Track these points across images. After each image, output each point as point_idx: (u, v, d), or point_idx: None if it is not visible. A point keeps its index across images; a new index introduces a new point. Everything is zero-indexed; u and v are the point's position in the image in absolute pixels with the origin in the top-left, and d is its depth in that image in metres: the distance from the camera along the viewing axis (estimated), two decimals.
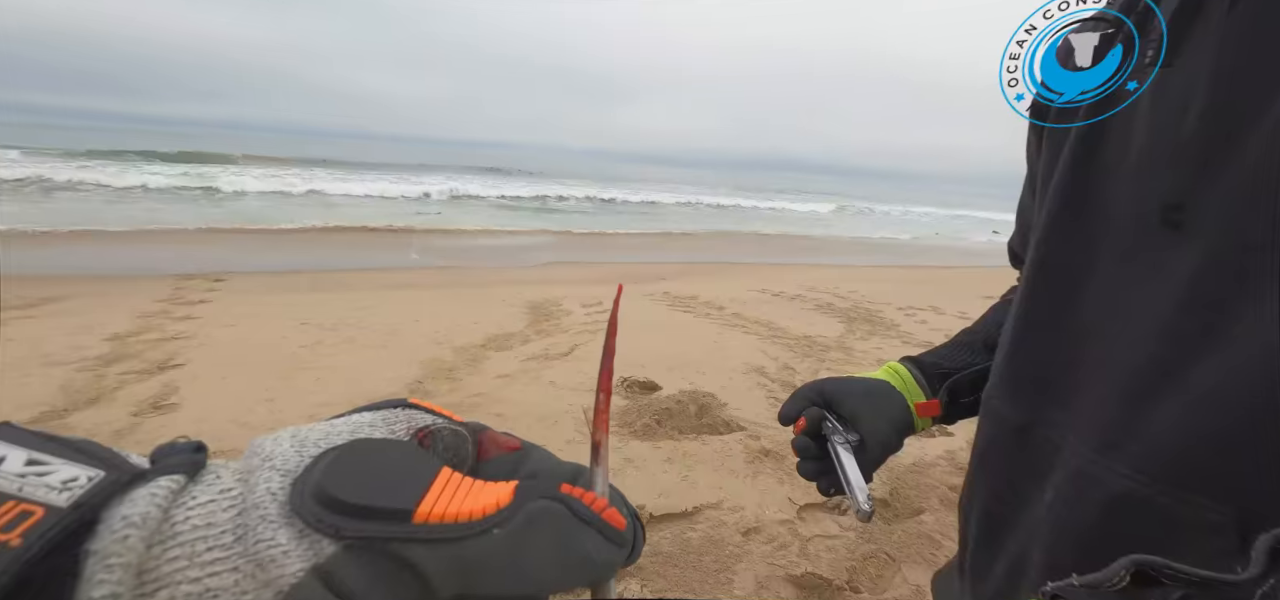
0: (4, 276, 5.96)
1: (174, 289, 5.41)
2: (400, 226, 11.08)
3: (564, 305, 5.42)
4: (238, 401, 2.83)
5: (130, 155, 19.43)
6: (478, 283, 6.54)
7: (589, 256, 9.34)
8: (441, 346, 3.84)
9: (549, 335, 4.32)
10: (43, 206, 10.34)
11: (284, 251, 8.24)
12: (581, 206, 17.11)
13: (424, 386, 3.09)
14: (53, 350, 3.49)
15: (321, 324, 4.30)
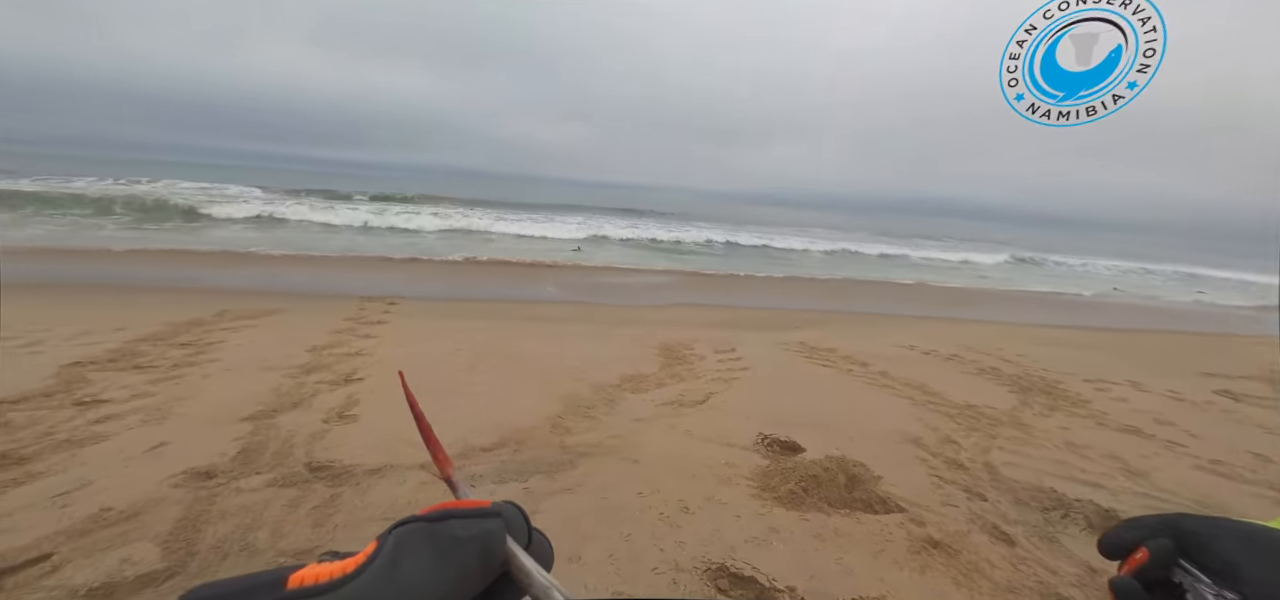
0: (240, 291, 7.32)
1: (358, 309, 6.23)
2: (544, 263, 11.86)
3: (696, 349, 5.34)
4: (404, 419, 3.07)
5: (337, 195, 23.28)
6: (612, 320, 6.70)
7: (719, 299, 9.22)
8: (580, 383, 3.94)
9: (682, 380, 4.25)
10: (272, 234, 12.67)
11: (445, 281, 9.19)
12: (711, 248, 17.10)
13: (564, 422, 3.15)
14: (269, 356, 4.14)
15: (474, 350, 4.64)
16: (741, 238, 19.78)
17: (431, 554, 0.29)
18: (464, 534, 0.31)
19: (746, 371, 4.70)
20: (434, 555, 0.29)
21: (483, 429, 2.98)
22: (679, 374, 4.44)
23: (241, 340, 4.60)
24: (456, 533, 0.31)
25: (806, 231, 26.40)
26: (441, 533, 0.31)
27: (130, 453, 2.51)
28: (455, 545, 0.30)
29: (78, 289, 6.86)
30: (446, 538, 0.30)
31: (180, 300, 6.24)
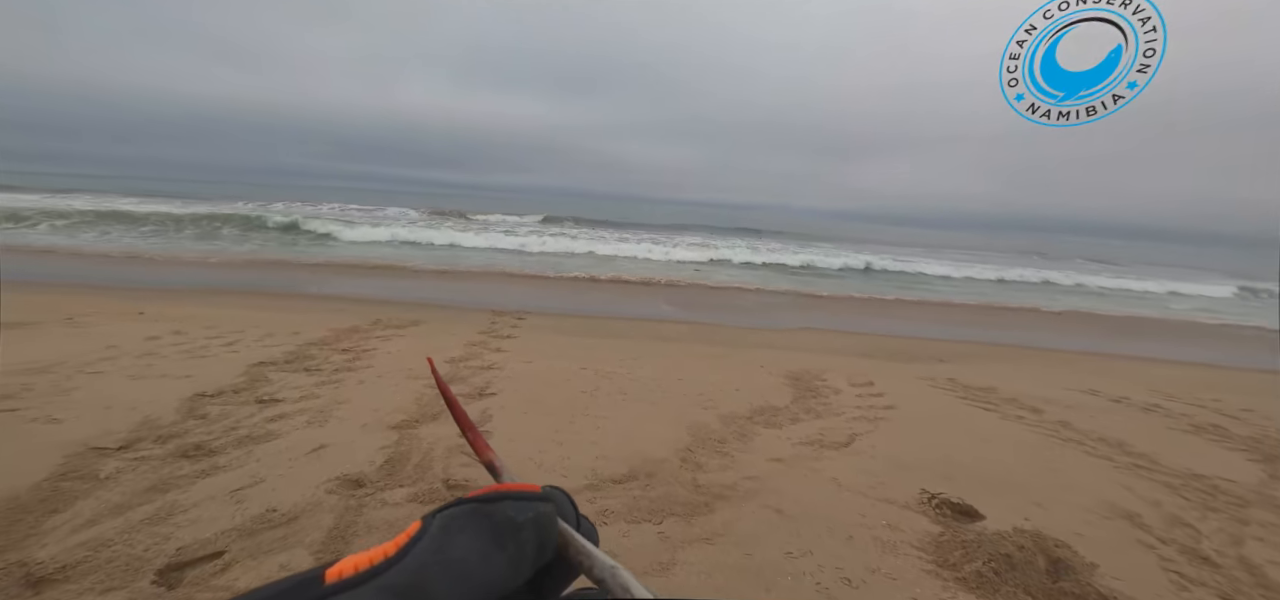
0: (391, 301, 8.06)
1: (490, 322, 6.53)
2: (663, 281, 11.85)
3: (828, 380, 4.89)
4: (534, 439, 3.07)
5: (472, 214, 25.44)
6: (733, 342, 6.41)
7: (846, 323, 8.53)
8: (707, 412, 3.71)
9: (819, 416, 3.86)
10: (420, 250, 13.99)
11: (568, 297, 9.47)
12: (833, 269, 16.10)
13: (694, 456, 2.94)
14: (413, 365, 4.40)
15: (598, 370, 4.60)
16: (870, 257, 18.45)
17: (488, 535, 0.27)
18: (520, 517, 0.29)
19: (891, 411, 4.18)
20: (490, 537, 0.27)
21: (611, 457, 2.87)
22: (814, 408, 4.05)
23: (391, 348, 4.96)
24: (512, 515, 0.29)
25: (937, 253, 24.08)
26: (496, 514, 0.29)
27: (295, 453, 2.70)
28: (512, 528, 0.29)
29: (268, 295, 7.95)
30: (502, 519, 0.29)
31: (345, 308, 6.97)
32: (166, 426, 2.86)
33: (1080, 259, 27.55)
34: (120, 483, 2.24)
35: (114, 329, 5.06)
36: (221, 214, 16.83)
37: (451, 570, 0.25)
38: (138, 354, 4.27)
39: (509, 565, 0.28)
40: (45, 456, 2.43)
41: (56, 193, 22.81)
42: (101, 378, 3.59)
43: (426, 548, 0.25)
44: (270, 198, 30.09)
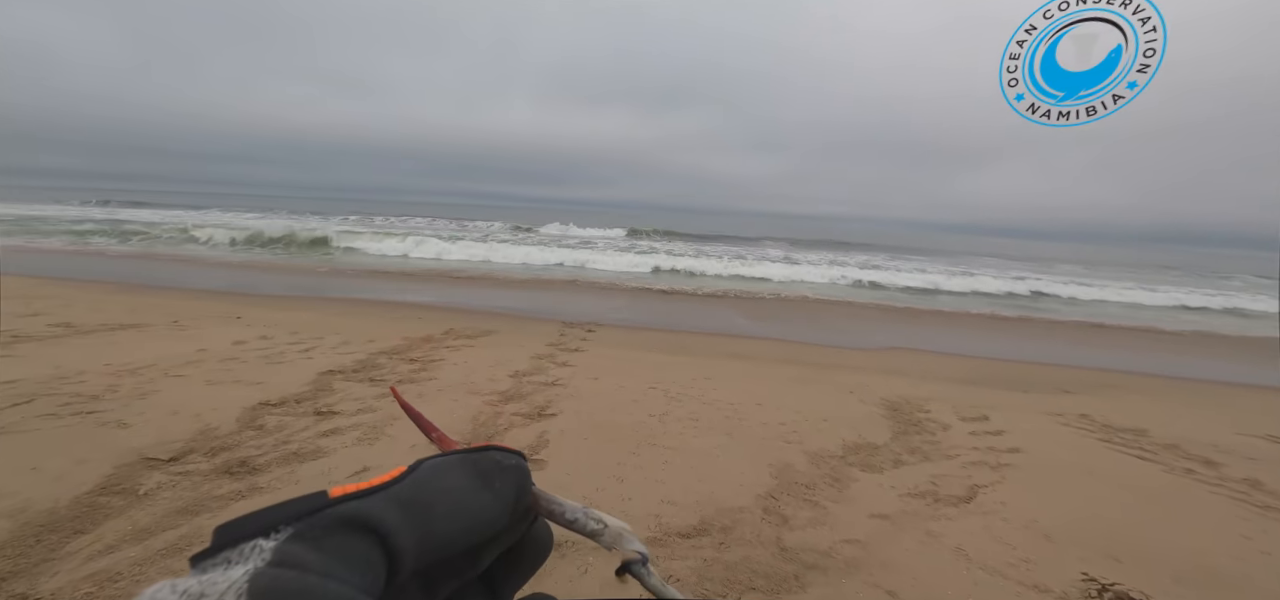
0: (467, 310, 8.12)
1: (559, 334, 6.33)
2: (739, 293, 11.30)
3: (933, 412, 4.22)
4: (593, 472, 2.73)
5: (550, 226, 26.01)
6: (817, 362, 5.81)
7: (943, 344, 7.59)
8: (792, 447, 3.22)
9: (927, 458, 3.25)
10: (501, 259, 14.29)
11: (641, 309, 9.17)
12: (929, 283, 14.74)
13: (778, 506, 2.48)
14: (476, 379, 4.22)
15: (668, 391, 4.22)
16: (967, 270, 16.78)
17: (476, 476, 0.29)
18: (504, 462, 0.31)
19: (1017, 455, 3.48)
20: (478, 478, 0.29)
21: (679, 502, 2.46)
22: (919, 448, 3.43)
23: (458, 359, 4.84)
24: (496, 460, 0.31)
25: (1052, 268, 21.62)
26: (483, 461, 0.30)
27: (337, 474, 2.53)
28: (498, 471, 0.30)
29: (355, 303, 8.25)
30: (489, 464, 0.30)
31: (423, 316, 7.05)
32: (222, 437, 2.80)
33: (1247, 275, 23.67)
34: (155, 501, 2.14)
35: (210, 332, 5.31)
36: (325, 229, 18.14)
37: (448, 496, 0.26)
38: (222, 358, 4.39)
39: (495, 503, 0.29)
40: (99, 465, 2.39)
41: (189, 208, 25.62)
42: (182, 382, 3.66)
43: (424, 474, 0.26)
44: (371, 212, 32.37)
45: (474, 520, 0.27)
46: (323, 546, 0.21)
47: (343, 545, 0.22)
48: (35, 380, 3.48)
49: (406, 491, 0.25)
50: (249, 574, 0.19)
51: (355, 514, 0.23)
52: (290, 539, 0.21)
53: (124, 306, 6.39)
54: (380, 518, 0.23)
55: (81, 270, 10.34)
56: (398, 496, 0.25)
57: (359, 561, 0.22)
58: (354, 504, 0.23)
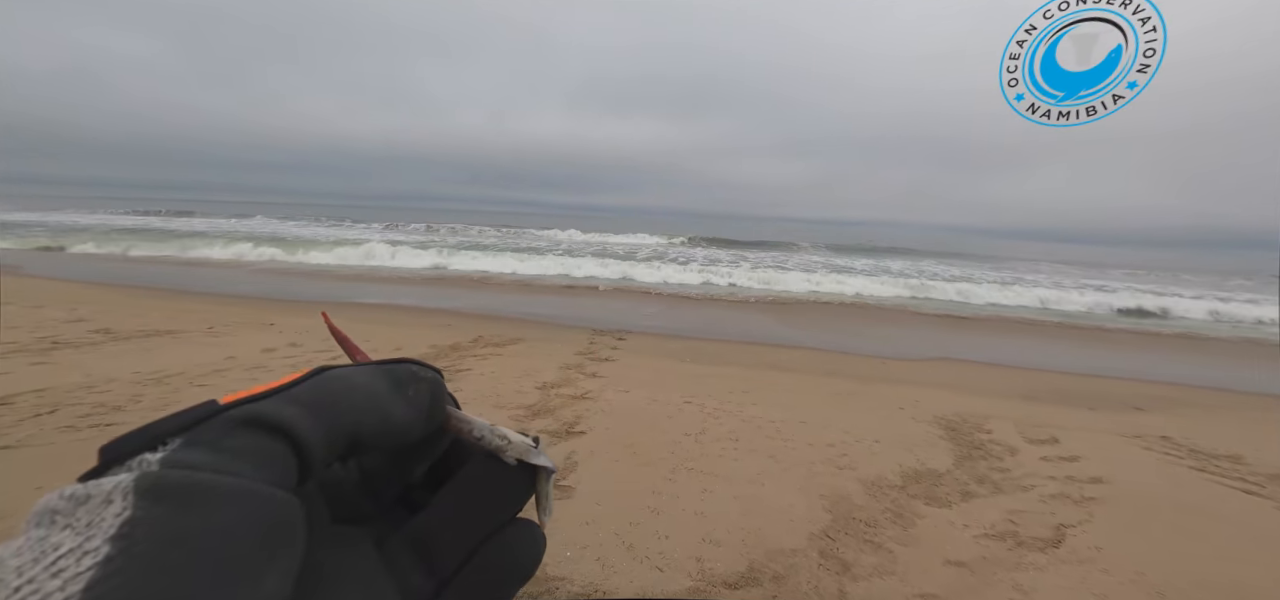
0: (495, 316, 8.01)
1: (589, 342, 6.12)
2: (772, 300, 10.93)
3: (995, 432, 3.84)
4: (626, 500, 2.49)
5: (579, 233, 26.02)
6: (862, 374, 5.44)
7: (992, 353, 7.08)
8: (845, 473, 2.91)
9: (999, 489, 2.89)
10: (533, 266, 14.26)
11: (673, 316, 8.91)
12: (969, 290, 14.04)
13: (836, 546, 2.18)
14: (503, 391, 4.03)
15: (704, 405, 3.95)
16: (1009, 275, 15.94)
17: (388, 381, 0.26)
18: (423, 374, 0.28)
19: (1101, 486, 3.08)
20: (391, 383, 0.26)
21: (723, 541, 2.19)
22: (987, 476, 3.08)
23: (485, 369, 4.67)
24: (414, 370, 0.28)
25: (1103, 273, 20.44)
26: (397, 370, 0.27)
27: None
28: (412, 379, 0.28)
29: (387, 309, 8.24)
30: (403, 373, 0.27)
31: (452, 323, 6.94)
32: None
33: None
34: None
35: (241, 339, 5.28)
36: (363, 236, 18.48)
37: (356, 393, 0.24)
38: (249, 367, 4.32)
39: (408, 409, 0.27)
40: None
41: (235, 216, 26.52)
42: (204, 392, 3.58)
43: (326, 378, 0.24)
44: (408, 219, 33.03)
45: (386, 419, 0.25)
46: (217, 448, 0.20)
47: (241, 445, 0.20)
48: (63, 389, 3.44)
49: (306, 393, 0.23)
50: (135, 475, 0.18)
51: (250, 414, 0.21)
52: (181, 447, 0.20)
53: (164, 312, 6.47)
54: (277, 414, 0.21)
55: (129, 276, 10.68)
56: (297, 397, 0.22)
57: (260, 456, 0.20)
58: (248, 406, 0.21)
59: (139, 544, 0.16)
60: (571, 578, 1.87)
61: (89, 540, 0.16)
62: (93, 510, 0.17)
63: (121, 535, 0.16)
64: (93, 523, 0.17)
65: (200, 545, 0.17)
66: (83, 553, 0.16)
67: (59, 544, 0.16)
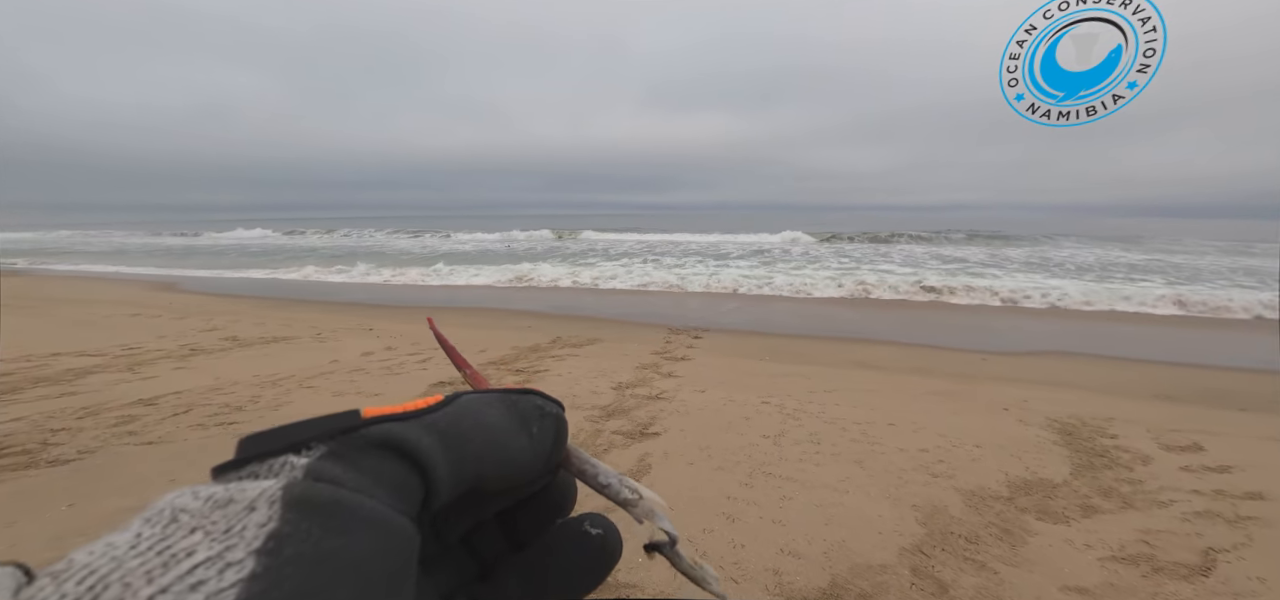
0: (574, 316, 8.19)
1: (665, 341, 6.09)
2: (859, 298, 10.38)
3: (1121, 437, 3.39)
4: (700, 506, 2.42)
5: (652, 232, 26.14)
6: (958, 371, 5.02)
7: (1113, 346, 6.25)
8: (940, 482, 2.67)
9: (1129, 504, 2.53)
10: (605, 268, 14.49)
11: (751, 313, 8.70)
12: (1091, 277, 12.57)
13: (931, 564, 1.99)
14: (579, 392, 4.09)
15: (783, 406, 3.80)
16: (1136, 257, 14.04)
17: (515, 417, 0.26)
18: (548, 409, 0.28)
19: (1259, 502, 2.62)
20: (516, 419, 0.26)
21: (804, 553, 2.07)
22: (1114, 489, 2.71)
23: (563, 370, 4.77)
24: (537, 404, 0.28)
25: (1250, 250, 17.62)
26: (524, 403, 0.27)
27: None
28: (538, 416, 0.27)
29: (472, 312, 8.66)
30: (529, 407, 0.27)
31: (533, 325, 7.17)
32: None
33: None
34: None
35: (344, 344, 5.74)
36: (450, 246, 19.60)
37: (486, 431, 0.24)
38: (350, 369, 4.68)
39: (531, 448, 0.27)
40: None
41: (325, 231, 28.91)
42: (312, 393, 3.90)
43: (462, 407, 0.24)
44: (490, 227, 34.70)
45: (509, 463, 0.25)
46: (358, 466, 0.20)
47: (378, 467, 0.20)
48: (197, 391, 3.88)
49: (443, 421, 0.23)
50: (283, 484, 0.18)
51: (391, 436, 0.21)
52: (323, 457, 0.20)
53: (280, 321, 7.16)
54: (417, 443, 0.21)
55: (252, 288, 11.96)
56: (435, 425, 0.22)
57: (395, 484, 0.20)
58: (389, 426, 0.21)
59: (287, 564, 0.15)
60: (641, 585, 1.84)
61: (230, 550, 0.15)
62: (233, 516, 0.16)
63: (267, 549, 0.15)
64: (232, 530, 0.16)
65: (342, 570, 0.16)
66: (225, 564, 0.15)
67: (192, 550, 0.15)
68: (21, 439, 2.98)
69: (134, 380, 4.21)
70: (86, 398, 3.73)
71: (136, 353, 5.16)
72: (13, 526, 2.15)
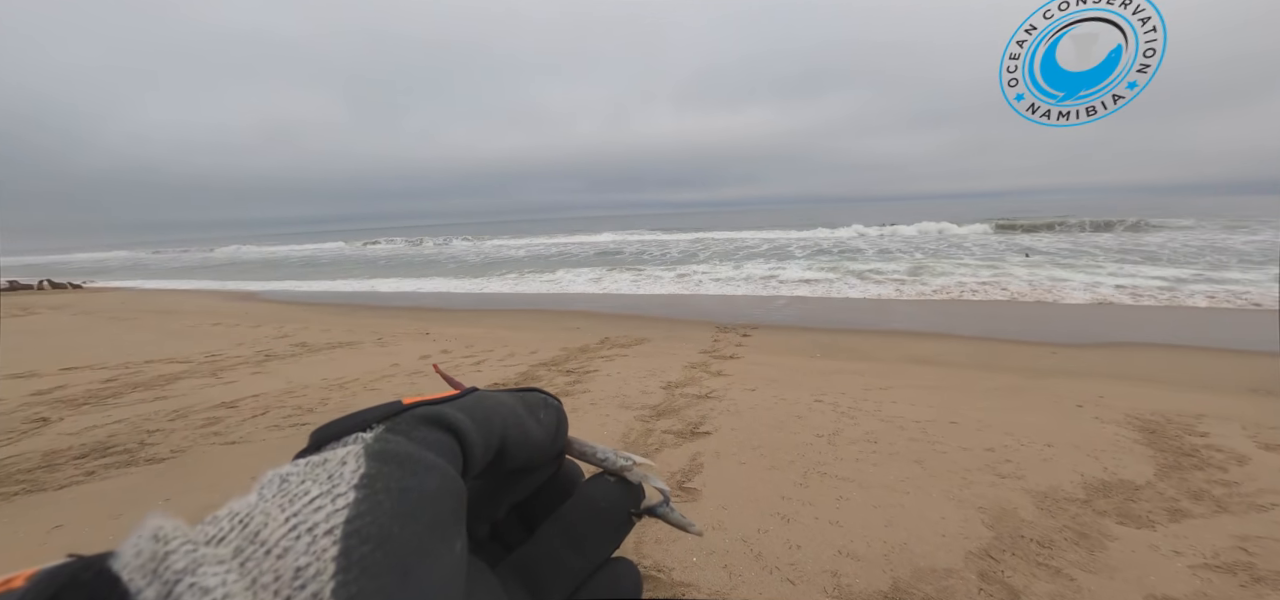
0: (621, 316, 8.25)
1: (713, 340, 6.05)
2: (913, 300, 10.00)
3: (1211, 435, 3.13)
4: (754, 506, 2.39)
5: (693, 231, 25.96)
6: (1026, 366, 4.76)
7: (1201, 334, 5.74)
8: (1008, 483, 2.54)
9: (1225, 508, 2.33)
10: (652, 269, 14.53)
11: (799, 308, 8.53)
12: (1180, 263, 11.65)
13: (1000, 569, 1.90)
14: (629, 392, 4.12)
15: (836, 404, 3.70)
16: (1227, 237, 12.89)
17: (524, 406, 0.30)
18: (551, 401, 0.32)
19: None
20: (526, 408, 0.30)
21: (861, 553, 2.02)
22: (1205, 491, 2.50)
23: (612, 370, 4.81)
24: (542, 397, 0.32)
25: None
26: (528, 396, 0.32)
27: None
28: (541, 404, 0.32)
29: (524, 314, 8.87)
30: (534, 398, 0.32)
31: (582, 325, 7.28)
32: None
33: None
34: None
35: (404, 347, 5.99)
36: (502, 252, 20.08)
37: (504, 410, 0.28)
38: (409, 372, 4.88)
39: (540, 430, 0.30)
40: None
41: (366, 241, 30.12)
42: (377, 395, 4.10)
43: (481, 396, 0.28)
44: (536, 232, 35.39)
45: (526, 437, 0.29)
46: (412, 435, 0.23)
47: (427, 435, 0.24)
48: (272, 394, 4.15)
49: (469, 403, 0.26)
50: (365, 443, 0.22)
51: (433, 414, 0.25)
52: (385, 432, 0.23)
53: (345, 327, 7.55)
54: (453, 417, 0.25)
55: (319, 296, 12.64)
56: (463, 406, 0.26)
57: (442, 447, 0.23)
58: (430, 407, 0.25)
59: (379, 493, 0.19)
60: (697, 584, 1.84)
61: (335, 487, 0.19)
62: (331, 468, 0.20)
63: (362, 484, 0.19)
64: (334, 476, 0.20)
65: (421, 500, 0.20)
66: (335, 495, 0.19)
67: (307, 491, 0.19)
68: (123, 439, 3.27)
69: (217, 385, 4.54)
70: (176, 401, 4.05)
71: (218, 359, 5.56)
72: (118, 519, 2.37)
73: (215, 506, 0.19)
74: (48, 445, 3.19)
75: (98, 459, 2.98)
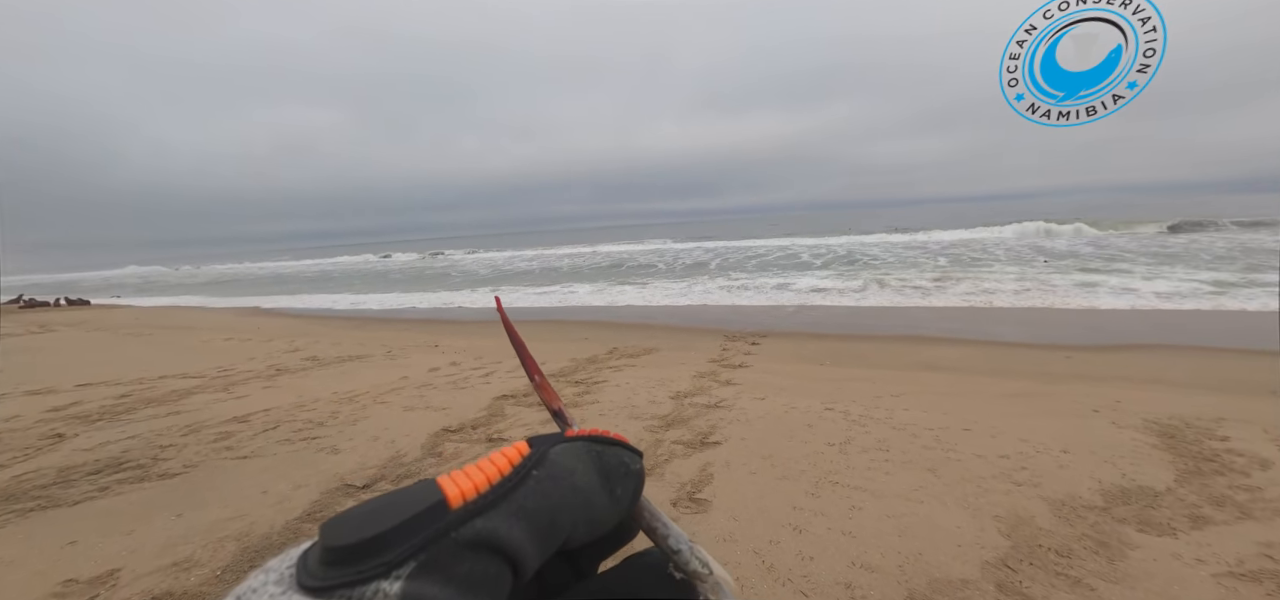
0: (631, 325, 8.25)
1: (722, 348, 6.03)
2: (925, 307, 9.93)
3: (1232, 439, 3.06)
4: (765, 517, 2.36)
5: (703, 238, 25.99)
6: (1040, 371, 4.69)
7: (1216, 335, 5.64)
8: (1024, 490, 2.50)
9: (1248, 515, 2.27)
10: (656, 277, 14.54)
11: (807, 316, 8.49)
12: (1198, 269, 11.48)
13: (1021, 583, 1.85)
14: (638, 402, 4.10)
15: (847, 412, 3.67)
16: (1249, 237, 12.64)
17: (601, 477, 0.27)
18: (631, 465, 0.29)
19: None
20: (603, 480, 0.27)
21: (876, 564, 1.99)
22: (1227, 497, 2.44)
23: (621, 380, 4.80)
24: (624, 461, 0.29)
25: None
26: (609, 458, 0.28)
27: None
28: (623, 475, 0.28)
29: (532, 323, 8.89)
30: (614, 462, 0.28)
31: (590, 335, 7.28)
32: (408, 464, 3.01)
33: None
34: None
35: (413, 360, 6.01)
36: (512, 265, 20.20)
37: (574, 497, 0.25)
38: (419, 385, 4.89)
39: (612, 508, 0.27)
40: (311, 490, 2.69)
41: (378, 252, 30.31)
42: (385, 408, 4.11)
43: (551, 472, 0.24)
44: (539, 244, 35.55)
45: (592, 525, 0.26)
46: (451, 575, 0.20)
47: (471, 572, 0.20)
48: (283, 408, 4.17)
49: (532, 500, 0.23)
50: None
51: (481, 536, 0.21)
52: (415, 574, 0.19)
53: (355, 340, 7.59)
54: (507, 538, 0.21)
55: (328, 310, 12.74)
56: (524, 508, 0.22)
57: (487, 581, 0.20)
58: (479, 524, 0.21)
59: None
60: None
61: None
62: None
63: None
64: None
65: None
66: None
67: None
68: (136, 455, 3.30)
69: (228, 399, 4.57)
70: (189, 416, 4.08)
71: (230, 374, 5.60)
72: (131, 535, 2.38)
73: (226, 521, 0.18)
74: (63, 461, 3.22)
75: (111, 474, 3.00)
